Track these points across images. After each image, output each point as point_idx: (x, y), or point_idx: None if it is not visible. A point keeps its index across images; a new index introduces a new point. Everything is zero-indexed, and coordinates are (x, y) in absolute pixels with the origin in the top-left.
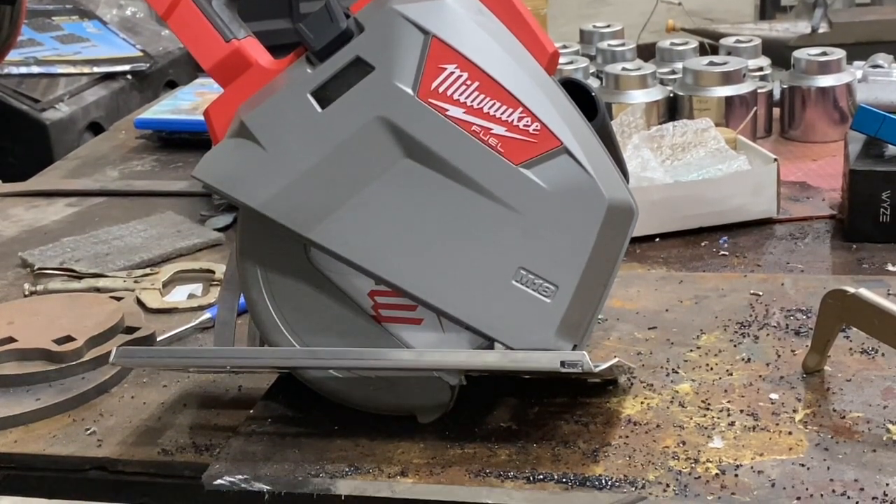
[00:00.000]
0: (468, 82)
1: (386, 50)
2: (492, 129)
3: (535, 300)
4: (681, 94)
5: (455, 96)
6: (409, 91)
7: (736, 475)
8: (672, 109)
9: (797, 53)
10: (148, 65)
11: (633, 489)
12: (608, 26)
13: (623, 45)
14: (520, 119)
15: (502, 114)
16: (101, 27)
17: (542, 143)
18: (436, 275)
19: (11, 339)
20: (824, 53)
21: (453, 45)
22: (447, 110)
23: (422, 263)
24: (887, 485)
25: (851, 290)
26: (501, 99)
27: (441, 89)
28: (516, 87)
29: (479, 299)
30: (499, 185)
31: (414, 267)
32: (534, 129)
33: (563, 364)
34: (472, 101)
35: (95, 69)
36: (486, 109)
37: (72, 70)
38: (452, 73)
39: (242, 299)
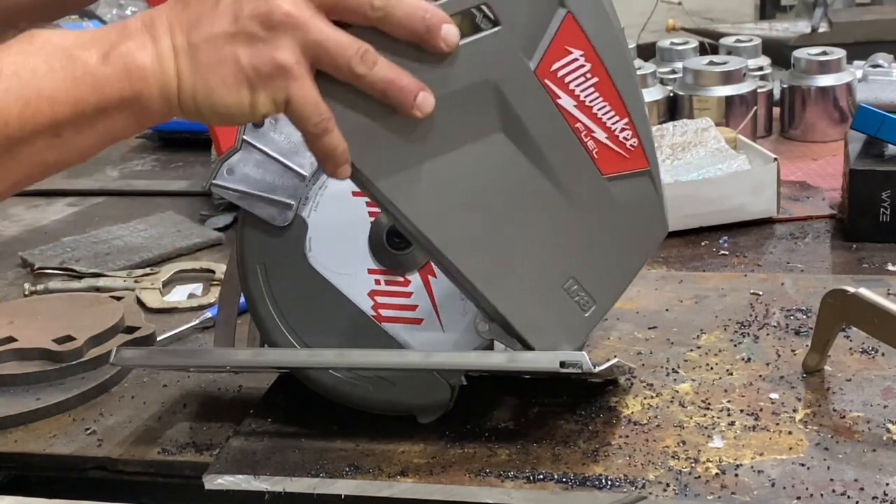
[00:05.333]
0: (588, 75)
1: (518, 8)
2: (594, 132)
3: (574, 311)
4: (681, 93)
5: (571, 85)
6: (530, 64)
7: (736, 475)
8: (672, 109)
9: (797, 53)
10: None
11: (634, 489)
12: None
13: None
14: (622, 130)
15: (608, 119)
16: (101, 27)
17: (633, 161)
18: (488, 258)
19: (11, 339)
20: (824, 53)
21: (586, 31)
22: (559, 98)
23: (479, 243)
24: (887, 484)
25: (851, 289)
26: (613, 104)
27: (560, 73)
28: (628, 96)
29: (522, 296)
30: (581, 190)
31: (469, 244)
32: (630, 145)
33: (563, 364)
34: (585, 97)
35: None
36: (595, 109)
37: None
38: (576, 59)
39: (242, 299)
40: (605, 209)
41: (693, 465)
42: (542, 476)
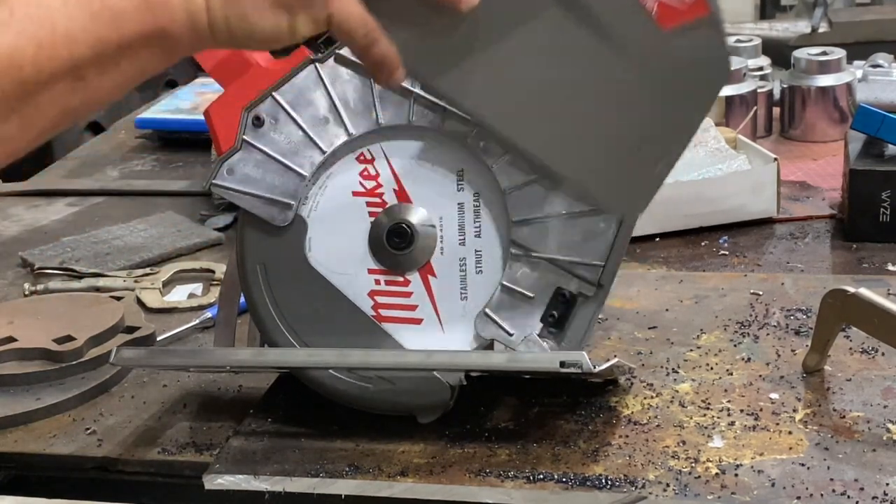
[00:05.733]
0: None
1: None
2: None
3: (645, 167)
4: None
5: None
6: None
7: (736, 475)
8: None
9: (797, 53)
10: None
11: (633, 489)
12: None
13: None
14: None
15: None
16: None
17: (693, 10)
18: (557, 133)
19: (11, 339)
20: (824, 53)
21: None
22: None
23: (546, 121)
24: (887, 484)
25: (851, 289)
26: None
27: None
28: None
29: (595, 162)
30: (643, 50)
31: (537, 124)
32: None
33: (562, 364)
34: None
35: None
36: None
37: None
38: None
39: (242, 299)
40: (669, 64)
41: (693, 464)
42: (542, 476)
